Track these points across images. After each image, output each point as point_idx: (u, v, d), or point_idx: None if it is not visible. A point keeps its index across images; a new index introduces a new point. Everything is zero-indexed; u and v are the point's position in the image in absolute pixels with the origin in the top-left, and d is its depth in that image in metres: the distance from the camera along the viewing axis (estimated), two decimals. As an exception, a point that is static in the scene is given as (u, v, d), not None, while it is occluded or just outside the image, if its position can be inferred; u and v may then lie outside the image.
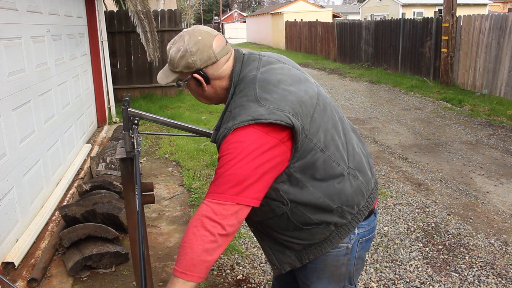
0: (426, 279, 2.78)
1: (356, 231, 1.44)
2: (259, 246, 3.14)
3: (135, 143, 1.61)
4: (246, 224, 1.52)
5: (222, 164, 1.20)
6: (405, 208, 3.81)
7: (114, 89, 7.19)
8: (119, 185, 3.50)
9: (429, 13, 22.40)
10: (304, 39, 21.43)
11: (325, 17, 26.36)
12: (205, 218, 1.17)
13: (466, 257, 3.02)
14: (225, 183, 1.19)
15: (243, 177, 1.18)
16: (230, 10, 66.73)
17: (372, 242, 2.76)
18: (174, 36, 1.44)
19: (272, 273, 1.56)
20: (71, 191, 4.02)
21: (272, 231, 1.44)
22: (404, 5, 27.77)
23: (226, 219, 1.17)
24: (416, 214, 3.68)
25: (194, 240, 1.16)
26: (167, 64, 1.44)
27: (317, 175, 1.31)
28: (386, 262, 2.97)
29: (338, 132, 1.37)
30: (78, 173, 4.49)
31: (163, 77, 1.42)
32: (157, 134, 5.96)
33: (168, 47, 1.40)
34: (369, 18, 20.30)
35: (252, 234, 3.16)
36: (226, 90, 1.39)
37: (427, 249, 3.13)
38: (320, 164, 1.30)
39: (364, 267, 2.88)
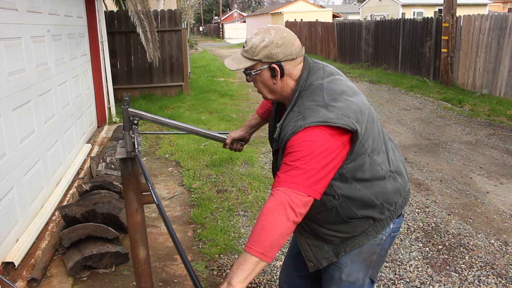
0: (426, 279, 2.78)
1: (391, 225, 1.61)
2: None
3: (135, 143, 1.61)
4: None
5: (296, 159, 1.32)
6: (405, 208, 3.80)
7: (114, 89, 7.19)
8: (119, 185, 3.50)
9: (429, 13, 22.40)
10: (304, 39, 21.42)
11: (325, 17, 26.37)
12: (286, 205, 1.27)
13: (466, 257, 3.02)
14: (299, 175, 1.30)
15: (315, 172, 1.31)
16: (230, 10, 66.73)
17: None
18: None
19: (309, 270, 1.67)
20: (71, 191, 4.02)
21: (316, 225, 1.57)
22: (404, 5, 27.78)
23: (299, 208, 1.29)
24: (416, 214, 3.68)
25: (275, 224, 1.26)
26: (239, 52, 1.51)
27: (364, 176, 1.47)
28: (386, 262, 2.96)
29: (381, 141, 1.56)
30: (78, 173, 4.49)
31: (234, 63, 1.50)
32: (157, 134, 5.96)
33: (248, 36, 1.50)
34: (369, 18, 20.31)
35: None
36: (291, 90, 1.51)
37: (427, 249, 3.13)
38: (367, 167, 1.47)
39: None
